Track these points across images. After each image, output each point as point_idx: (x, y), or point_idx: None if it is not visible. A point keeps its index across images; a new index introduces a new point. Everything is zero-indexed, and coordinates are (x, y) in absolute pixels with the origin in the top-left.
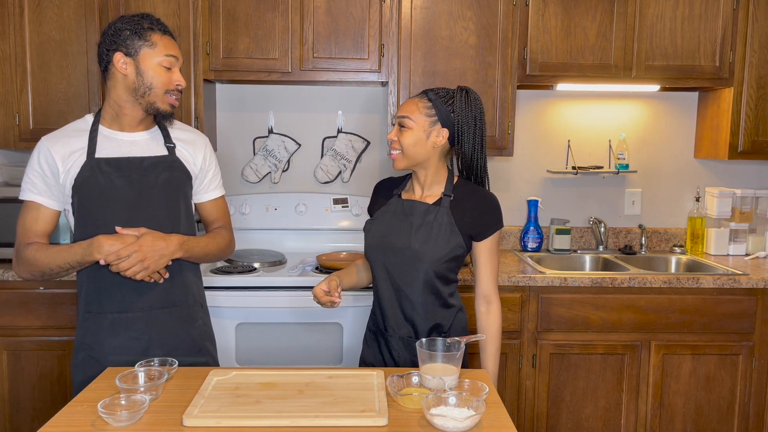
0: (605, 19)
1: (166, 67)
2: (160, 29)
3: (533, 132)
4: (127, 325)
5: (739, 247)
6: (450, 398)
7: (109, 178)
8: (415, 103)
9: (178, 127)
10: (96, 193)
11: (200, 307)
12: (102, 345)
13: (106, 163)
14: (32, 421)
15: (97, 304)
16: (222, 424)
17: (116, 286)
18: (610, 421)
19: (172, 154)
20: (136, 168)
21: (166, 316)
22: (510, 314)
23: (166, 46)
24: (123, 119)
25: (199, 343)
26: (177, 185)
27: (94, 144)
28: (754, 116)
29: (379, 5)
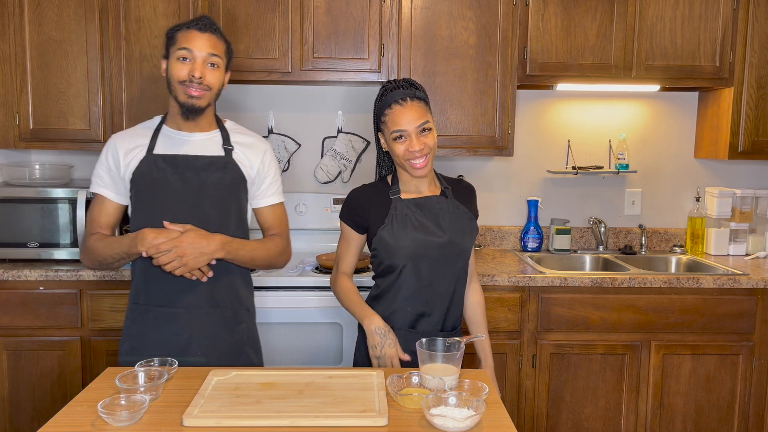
0: (605, 19)
1: (183, 59)
2: (188, 26)
3: (533, 132)
4: (170, 320)
5: (739, 247)
6: (450, 398)
7: (164, 173)
8: (421, 108)
9: (240, 132)
10: (150, 187)
11: (246, 311)
12: (145, 337)
13: (163, 159)
14: (32, 421)
15: (143, 296)
16: (222, 424)
17: (163, 281)
18: (610, 421)
19: (228, 156)
20: (191, 166)
21: (209, 316)
22: (510, 314)
23: (185, 39)
24: (177, 118)
25: (240, 348)
26: (229, 186)
27: (154, 141)
28: (754, 116)
29: (379, 5)
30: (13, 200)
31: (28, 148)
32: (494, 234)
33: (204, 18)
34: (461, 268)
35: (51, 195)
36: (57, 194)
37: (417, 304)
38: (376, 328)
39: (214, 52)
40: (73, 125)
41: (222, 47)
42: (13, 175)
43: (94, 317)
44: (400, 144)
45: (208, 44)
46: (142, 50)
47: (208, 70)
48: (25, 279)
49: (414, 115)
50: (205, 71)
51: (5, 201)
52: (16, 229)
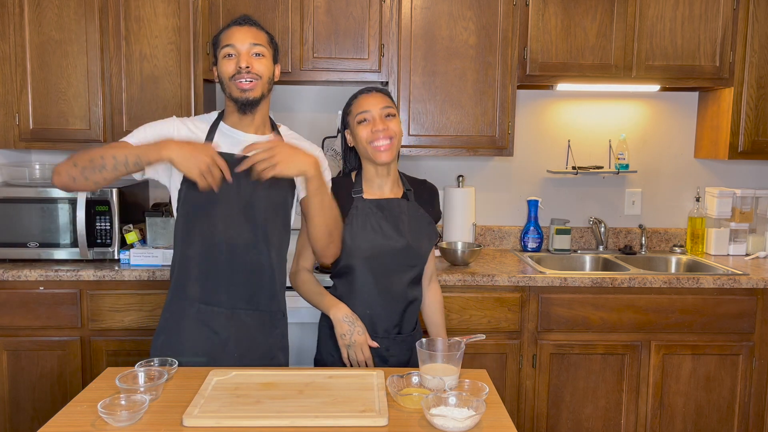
0: (605, 19)
1: (229, 56)
2: (228, 26)
3: (533, 132)
4: (211, 318)
5: (739, 247)
6: (450, 398)
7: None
8: (385, 98)
9: (294, 137)
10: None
11: (282, 316)
12: (183, 332)
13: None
14: (32, 421)
15: (185, 291)
16: (222, 424)
17: (207, 278)
18: (610, 422)
19: None
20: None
21: (249, 317)
22: (510, 314)
23: (227, 36)
24: (233, 117)
25: (273, 352)
26: (279, 192)
27: (212, 137)
28: (754, 116)
29: (379, 5)
30: (13, 200)
31: (28, 148)
32: (494, 234)
33: (242, 15)
34: (418, 271)
35: (51, 195)
36: (57, 194)
37: (374, 307)
38: (343, 316)
39: (255, 42)
40: (73, 125)
41: (264, 37)
42: (13, 175)
43: (94, 317)
44: (364, 127)
45: (248, 35)
46: (142, 50)
47: (254, 59)
48: (25, 279)
49: (378, 100)
50: (252, 61)
51: (5, 201)
52: (16, 229)
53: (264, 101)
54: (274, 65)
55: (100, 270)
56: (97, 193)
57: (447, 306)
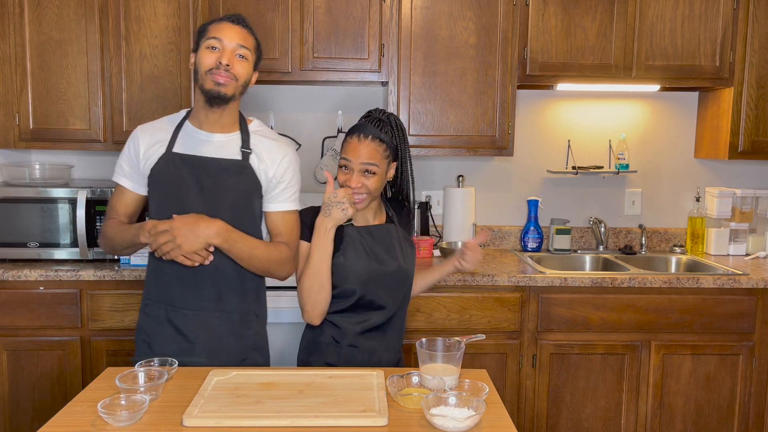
0: (605, 19)
1: (212, 48)
2: (220, 19)
3: (533, 132)
4: (178, 320)
5: (739, 247)
6: (450, 398)
7: (180, 173)
8: (374, 149)
9: (263, 134)
10: (166, 185)
11: (255, 317)
12: (154, 332)
13: (181, 158)
14: (32, 421)
15: (155, 293)
16: (222, 424)
17: (174, 280)
18: (610, 422)
19: (245, 160)
20: (207, 168)
21: (217, 320)
22: (510, 314)
23: (216, 29)
24: (200, 114)
25: (245, 353)
26: (244, 191)
27: (174, 138)
28: (754, 116)
29: (379, 5)
30: (13, 200)
31: (28, 148)
32: (494, 234)
33: (239, 15)
34: (406, 292)
35: (51, 195)
36: (57, 194)
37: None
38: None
39: (243, 44)
40: (73, 125)
41: (252, 42)
42: (13, 175)
43: (94, 317)
44: (342, 174)
45: (238, 35)
46: (142, 50)
47: (237, 60)
48: (25, 279)
49: (365, 153)
50: (234, 61)
51: (5, 201)
52: (16, 229)
53: (234, 103)
54: (253, 71)
55: (100, 270)
56: (97, 192)
57: (447, 306)
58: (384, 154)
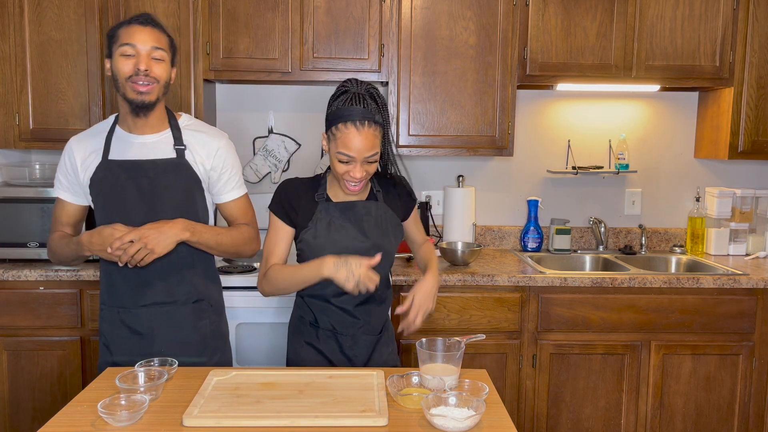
0: (605, 19)
1: (127, 55)
2: (128, 22)
3: (533, 132)
4: (132, 320)
5: (739, 247)
6: (450, 398)
7: (119, 179)
8: (374, 136)
9: (194, 128)
10: (107, 194)
11: (209, 307)
12: (112, 335)
13: (118, 165)
14: (32, 421)
15: (108, 297)
16: (222, 424)
17: (123, 281)
18: (610, 422)
19: (181, 157)
20: (145, 171)
21: (166, 314)
22: (510, 314)
23: (127, 34)
24: (127, 119)
25: (206, 341)
26: (184, 189)
27: (108, 146)
28: (754, 116)
29: (379, 5)
30: (13, 200)
31: (28, 148)
32: (494, 234)
33: (144, 14)
34: (385, 271)
35: (51, 195)
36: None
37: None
38: (333, 265)
39: (157, 45)
40: (73, 125)
41: (165, 41)
42: (13, 175)
43: (94, 317)
44: (343, 165)
45: (150, 38)
46: None
47: (154, 63)
48: (25, 279)
49: (366, 145)
50: (151, 64)
51: (5, 201)
52: (16, 229)
53: (159, 104)
54: (171, 68)
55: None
56: None
57: (447, 306)
58: (380, 136)
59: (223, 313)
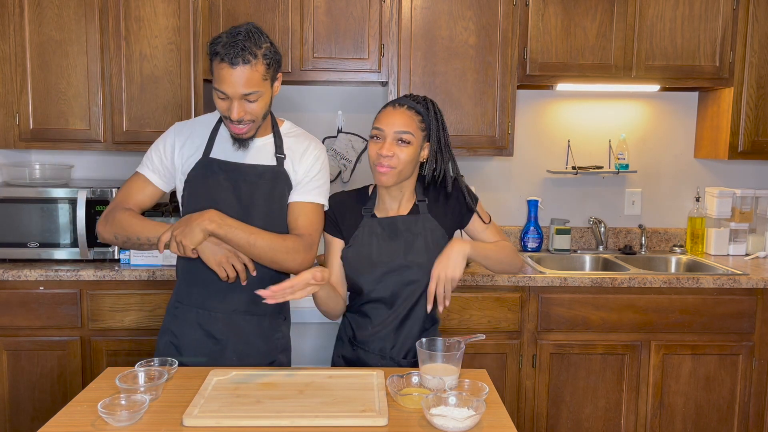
0: (605, 19)
1: (221, 98)
2: (221, 55)
3: (533, 132)
4: (210, 323)
5: (739, 247)
6: (450, 398)
7: (217, 179)
8: (410, 117)
9: (295, 135)
10: (203, 191)
11: (283, 320)
12: (184, 335)
13: (218, 165)
14: (32, 421)
15: (186, 296)
16: (222, 424)
17: (206, 283)
18: (610, 421)
19: (280, 165)
20: (243, 174)
21: (247, 323)
22: (510, 314)
23: (218, 77)
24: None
25: (273, 355)
26: (279, 197)
27: (212, 143)
28: (754, 116)
29: (379, 5)
30: (13, 200)
31: (28, 148)
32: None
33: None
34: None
35: (51, 195)
36: (57, 194)
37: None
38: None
39: (248, 91)
40: (73, 125)
41: (259, 74)
42: (13, 175)
43: (94, 317)
44: (374, 144)
45: (240, 82)
46: (142, 50)
47: (247, 105)
48: (25, 279)
49: (397, 120)
50: (244, 108)
51: (5, 201)
52: (16, 229)
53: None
54: (273, 85)
55: (100, 270)
56: (97, 192)
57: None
58: (420, 125)
59: (289, 326)
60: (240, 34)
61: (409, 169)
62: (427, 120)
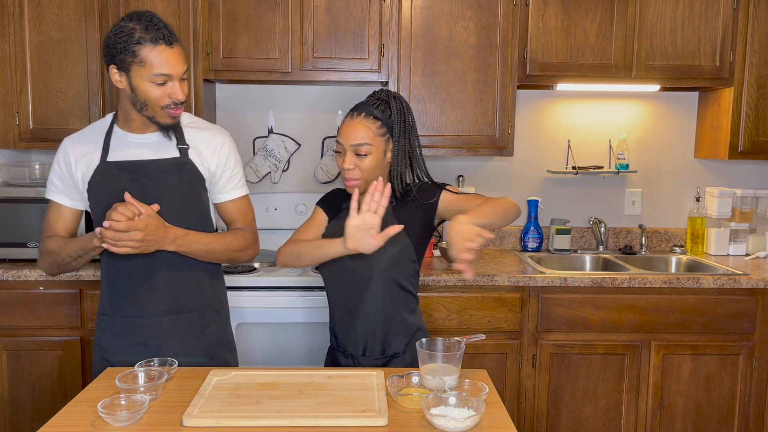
0: (605, 19)
1: (159, 83)
2: (151, 39)
3: (533, 132)
4: (137, 329)
5: (740, 247)
6: (450, 398)
7: (119, 181)
8: (366, 126)
9: (195, 126)
10: (108, 196)
11: (215, 313)
12: (114, 348)
13: (117, 166)
14: (32, 421)
15: (110, 307)
16: (222, 424)
17: (128, 290)
18: (610, 422)
19: (185, 156)
20: (147, 171)
21: (176, 322)
22: (510, 314)
23: (158, 61)
24: (132, 123)
25: (211, 351)
26: (188, 188)
27: (107, 146)
28: (755, 116)
29: (379, 5)
30: (13, 200)
31: (28, 148)
32: (494, 234)
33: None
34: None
35: None
36: None
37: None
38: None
39: (186, 67)
40: (73, 125)
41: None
42: (13, 175)
43: (94, 317)
44: (338, 157)
45: (180, 60)
46: None
47: (183, 84)
48: (25, 279)
49: (352, 133)
50: (182, 87)
51: (5, 201)
52: (16, 229)
53: None
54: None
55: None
56: None
57: (447, 306)
58: (378, 131)
59: (228, 319)
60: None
61: (377, 173)
62: (387, 123)
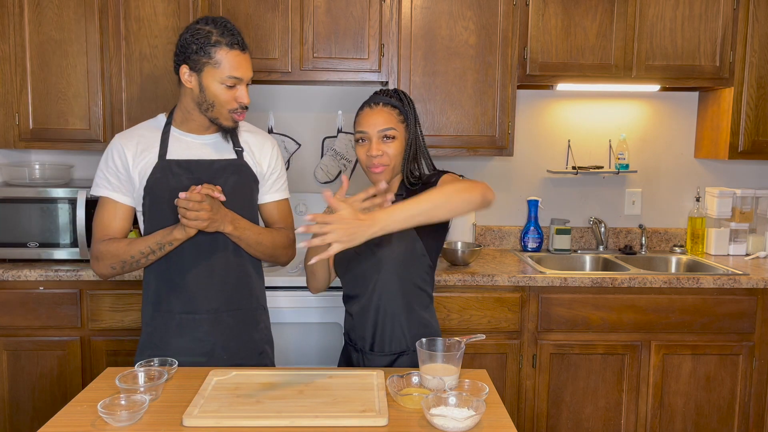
0: (605, 19)
1: (229, 86)
2: (227, 43)
3: (533, 132)
4: (194, 326)
5: (740, 247)
6: (450, 398)
7: (180, 179)
8: (388, 113)
9: (245, 129)
10: (167, 194)
11: (263, 310)
12: (169, 345)
13: (177, 165)
14: (32, 421)
15: (165, 303)
16: (222, 424)
17: (184, 287)
18: (610, 422)
19: (240, 158)
20: (206, 170)
21: (231, 319)
22: (510, 314)
23: (231, 64)
24: (191, 123)
25: (260, 347)
26: (244, 189)
27: (165, 145)
28: (755, 116)
29: (379, 5)
30: (13, 200)
31: (28, 148)
32: (494, 234)
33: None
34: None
35: (51, 195)
36: (57, 194)
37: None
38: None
39: (252, 75)
40: (73, 125)
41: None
42: (13, 175)
43: (94, 317)
44: (361, 147)
45: (250, 66)
46: (142, 50)
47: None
48: (25, 279)
49: (377, 119)
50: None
51: (5, 201)
52: (16, 229)
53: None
54: None
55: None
56: None
57: (447, 306)
58: (399, 118)
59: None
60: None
61: (400, 161)
62: (404, 111)
